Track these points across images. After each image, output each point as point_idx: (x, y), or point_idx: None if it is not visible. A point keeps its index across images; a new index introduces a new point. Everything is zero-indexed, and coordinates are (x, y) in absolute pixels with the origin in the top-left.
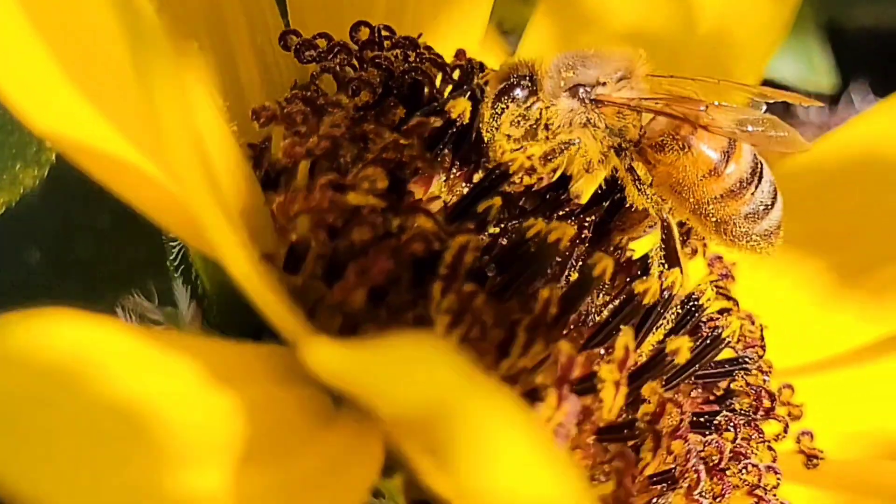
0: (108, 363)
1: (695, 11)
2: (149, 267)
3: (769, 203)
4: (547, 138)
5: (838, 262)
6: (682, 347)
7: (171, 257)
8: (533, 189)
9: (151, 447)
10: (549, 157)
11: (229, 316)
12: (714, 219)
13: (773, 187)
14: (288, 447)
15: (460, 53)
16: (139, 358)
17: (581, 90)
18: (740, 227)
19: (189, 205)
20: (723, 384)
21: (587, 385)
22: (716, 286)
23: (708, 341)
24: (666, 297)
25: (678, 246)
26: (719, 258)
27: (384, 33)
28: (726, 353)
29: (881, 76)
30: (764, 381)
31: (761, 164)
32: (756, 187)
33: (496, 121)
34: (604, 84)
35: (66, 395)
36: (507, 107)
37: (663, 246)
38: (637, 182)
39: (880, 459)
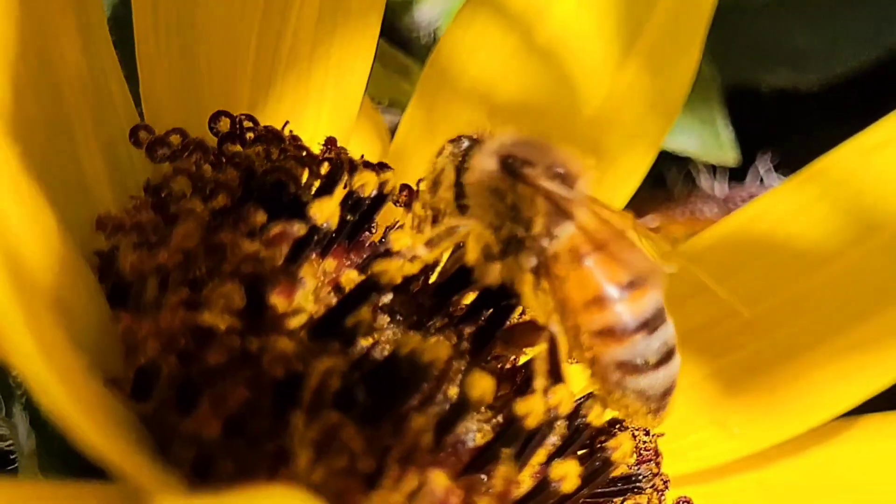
0: None
1: (582, 89)
2: None
3: (652, 361)
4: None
5: (732, 359)
6: (569, 474)
7: (13, 374)
8: (409, 291)
9: None
10: (433, 243)
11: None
12: (588, 354)
13: (666, 347)
14: None
15: (330, 142)
16: None
17: (509, 160)
18: (613, 375)
19: None
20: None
21: None
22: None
23: (598, 464)
24: (552, 416)
25: (562, 359)
26: None
27: (246, 124)
28: (619, 470)
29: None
30: (660, 499)
31: (662, 317)
32: (643, 336)
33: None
34: (533, 165)
35: None
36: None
37: (548, 359)
38: (536, 284)
39: None
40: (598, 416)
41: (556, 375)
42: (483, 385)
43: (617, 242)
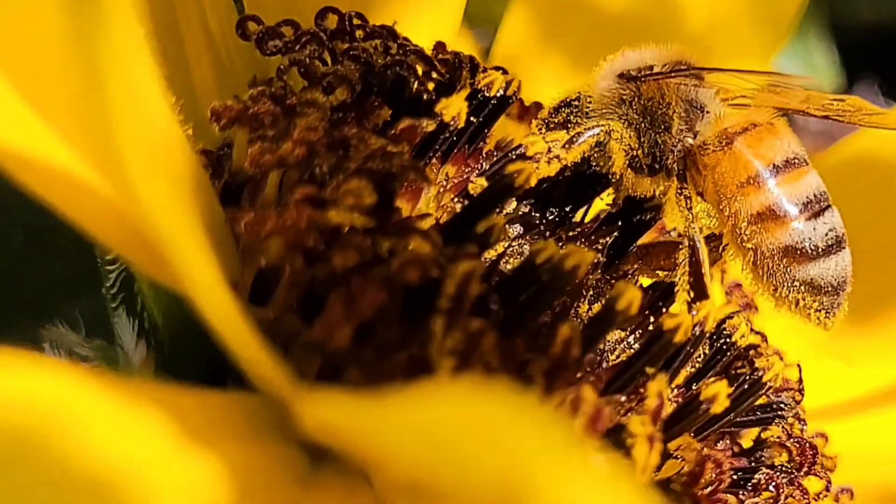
0: (72, 423)
1: (687, 4)
2: (70, 290)
3: (821, 247)
4: (577, 123)
5: (863, 288)
6: (719, 394)
7: (108, 284)
8: (536, 197)
9: None
10: (573, 141)
11: (184, 355)
12: (750, 245)
13: (833, 233)
14: None
15: (440, 46)
16: (104, 416)
17: (625, 72)
18: (779, 265)
19: (146, 222)
20: (750, 434)
21: (615, 439)
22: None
23: (746, 387)
24: (697, 334)
25: (707, 272)
26: (738, 286)
27: (356, 21)
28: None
29: (887, 78)
30: (802, 430)
31: (824, 200)
32: (806, 219)
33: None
34: (650, 67)
35: (24, 462)
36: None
37: (690, 271)
38: (681, 190)
39: None
40: (741, 337)
41: (698, 288)
42: (630, 295)
43: (764, 119)
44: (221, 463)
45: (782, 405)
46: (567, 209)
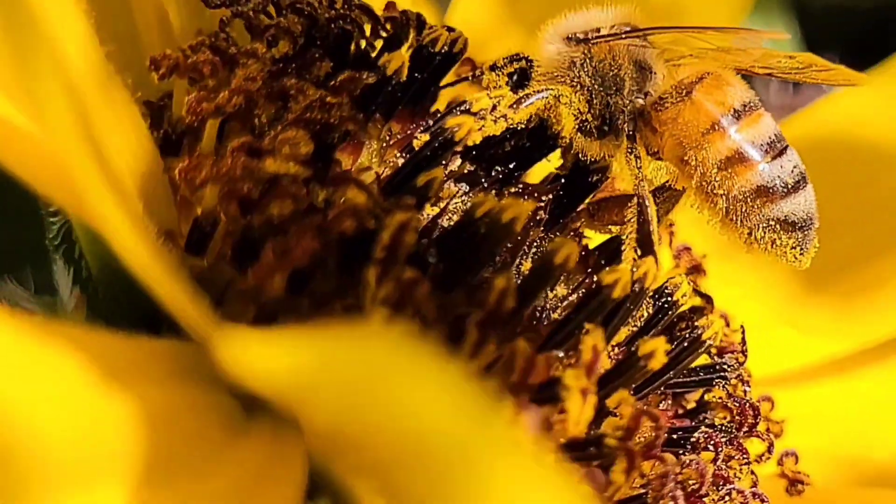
0: None
1: None
2: (23, 249)
3: (790, 183)
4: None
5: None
6: (657, 350)
7: (51, 235)
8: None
9: (28, 466)
10: (520, 102)
11: (119, 304)
12: (721, 192)
13: (797, 170)
14: (194, 462)
15: (390, 5)
16: (9, 352)
17: (572, 35)
18: (754, 208)
19: (64, 160)
20: (694, 395)
21: (549, 393)
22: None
23: (685, 344)
24: (637, 290)
25: (655, 230)
26: (687, 249)
27: None
28: (701, 360)
29: (849, 55)
30: (745, 392)
31: (783, 140)
32: (771, 158)
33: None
34: (597, 30)
35: None
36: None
37: (638, 229)
38: (631, 149)
39: (863, 487)
40: (683, 296)
41: (646, 246)
42: (568, 249)
43: (714, 69)
44: (138, 406)
45: (725, 366)
46: (512, 167)
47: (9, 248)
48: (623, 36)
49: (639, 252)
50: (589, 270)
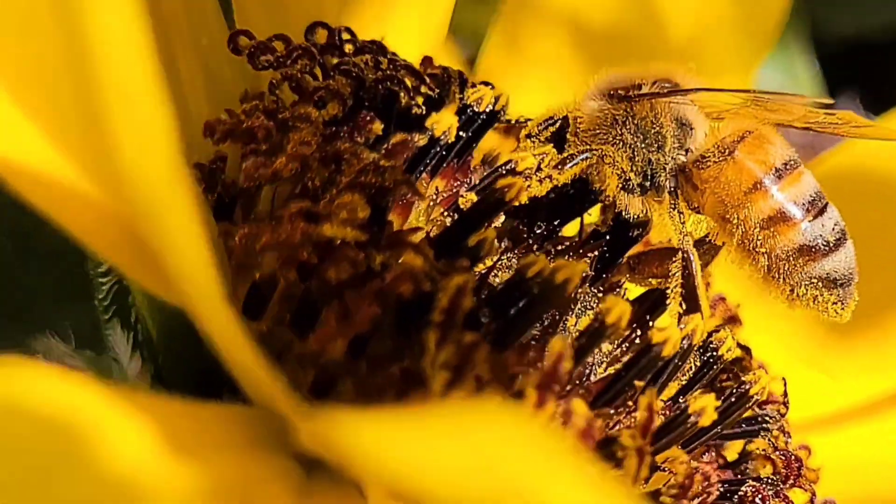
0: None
1: (670, 16)
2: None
3: (832, 241)
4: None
5: None
6: (707, 407)
7: (101, 296)
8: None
9: None
10: (565, 163)
11: (179, 369)
12: (764, 251)
13: (838, 227)
14: None
15: (427, 61)
16: (111, 422)
17: (612, 90)
18: (796, 267)
19: (145, 227)
20: (735, 446)
21: (606, 452)
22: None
23: (733, 399)
24: (685, 347)
25: (700, 284)
26: (722, 299)
27: (345, 36)
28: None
29: (869, 90)
30: (786, 443)
31: (823, 198)
32: (813, 216)
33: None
34: (639, 87)
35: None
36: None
37: (683, 284)
38: (674, 205)
39: None
40: (728, 350)
41: (690, 301)
42: (620, 309)
43: (755, 127)
44: (213, 473)
45: (767, 418)
46: (555, 223)
47: (45, 296)
48: (667, 94)
49: (684, 307)
50: (634, 325)
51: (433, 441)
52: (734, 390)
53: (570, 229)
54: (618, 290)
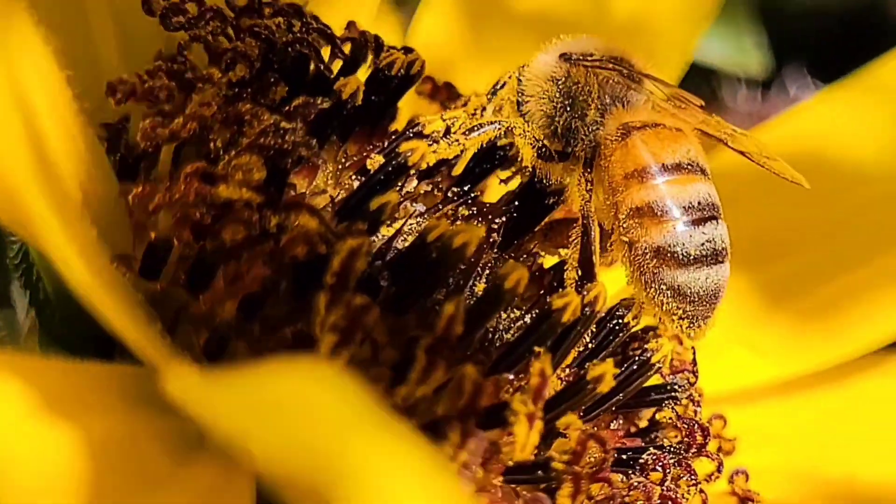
0: None
1: None
2: None
3: (693, 255)
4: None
5: (772, 275)
6: (605, 374)
7: (12, 255)
8: (432, 181)
9: None
10: (473, 130)
11: (73, 327)
12: (626, 238)
13: (710, 246)
14: (143, 487)
15: (351, 25)
16: None
17: (566, 54)
18: (649, 264)
19: (11, 184)
20: (646, 415)
21: (496, 417)
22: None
23: (635, 367)
24: (587, 313)
25: (597, 253)
26: None
27: None
28: (652, 380)
29: (819, 59)
30: (695, 412)
31: (711, 211)
32: (685, 223)
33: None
34: (591, 54)
35: None
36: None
37: (581, 251)
38: (583, 175)
39: (815, 502)
40: (633, 320)
41: (586, 268)
42: (518, 274)
43: (672, 124)
44: (89, 432)
45: (676, 386)
46: (467, 187)
47: None
48: (610, 67)
49: (579, 272)
50: (542, 292)
51: (245, 399)
52: (637, 358)
53: (489, 196)
54: (529, 257)
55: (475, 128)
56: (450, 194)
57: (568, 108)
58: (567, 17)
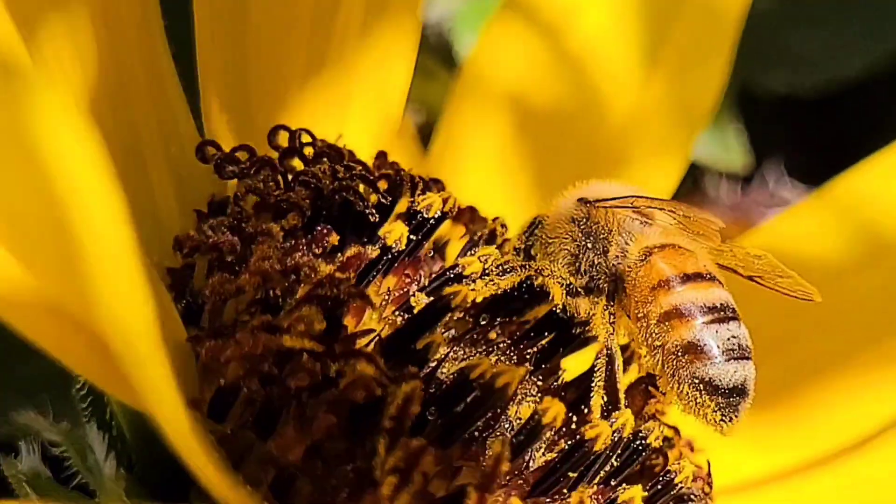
0: None
1: (611, 101)
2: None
3: (722, 348)
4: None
5: (770, 371)
6: (635, 498)
7: (81, 404)
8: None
9: None
10: (506, 271)
11: (150, 469)
12: (658, 344)
13: (737, 341)
14: None
15: (381, 156)
16: None
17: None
18: (681, 361)
19: (110, 341)
20: None
21: None
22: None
23: (660, 487)
24: (616, 440)
25: (621, 382)
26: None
27: (304, 138)
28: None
29: (795, 153)
30: None
31: (730, 311)
32: (709, 322)
33: None
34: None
35: None
36: None
37: (606, 379)
38: (607, 307)
39: None
40: (655, 438)
41: (612, 397)
42: (555, 410)
43: (687, 246)
44: None
45: (693, 496)
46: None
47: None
48: (625, 205)
49: (605, 399)
50: (574, 426)
51: None
52: (660, 478)
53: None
54: (557, 374)
55: (509, 270)
56: (482, 322)
57: (590, 247)
58: (567, 129)
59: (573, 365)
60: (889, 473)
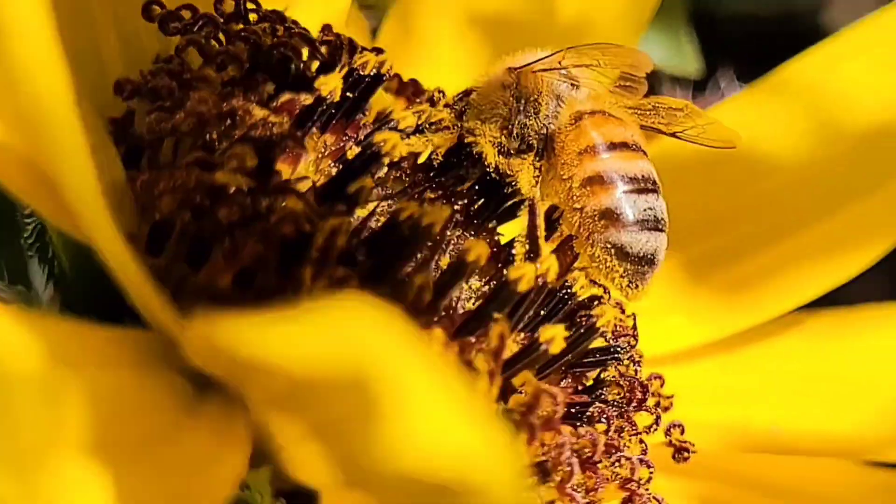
0: None
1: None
2: None
3: (637, 218)
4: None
5: (702, 251)
6: (556, 337)
7: (26, 234)
8: (402, 167)
9: None
10: (439, 129)
11: (87, 298)
12: (577, 206)
13: (653, 213)
14: (150, 437)
15: (327, 29)
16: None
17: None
18: (597, 225)
19: (53, 173)
20: (592, 374)
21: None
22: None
23: (582, 331)
24: (540, 283)
25: (541, 232)
26: None
27: (249, 5)
28: (597, 343)
29: (748, 63)
30: (636, 371)
31: (652, 184)
32: (629, 191)
33: None
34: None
35: None
36: None
37: (528, 229)
38: (535, 162)
39: (743, 452)
40: (582, 290)
41: (533, 244)
42: (479, 250)
43: (615, 113)
44: (99, 386)
45: (618, 349)
46: (432, 175)
47: None
48: (551, 68)
49: (527, 248)
50: (500, 265)
51: (294, 327)
52: (584, 323)
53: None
54: (494, 235)
55: (442, 127)
56: (417, 179)
57: (521, 109)
58: (515, 27)
59: (511, 230)
60: (809, 351)
